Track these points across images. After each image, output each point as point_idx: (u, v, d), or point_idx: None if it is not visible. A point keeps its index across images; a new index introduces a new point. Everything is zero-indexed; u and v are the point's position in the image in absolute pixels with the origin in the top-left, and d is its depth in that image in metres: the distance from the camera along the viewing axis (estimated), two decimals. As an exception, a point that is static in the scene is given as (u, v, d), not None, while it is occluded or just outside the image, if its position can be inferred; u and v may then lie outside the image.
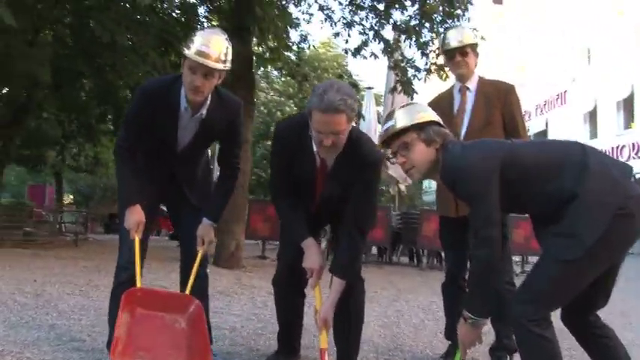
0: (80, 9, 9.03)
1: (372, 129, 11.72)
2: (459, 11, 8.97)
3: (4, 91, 10.65)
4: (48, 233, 13.28)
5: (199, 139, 2.86)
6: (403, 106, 2.37)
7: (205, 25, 11.99)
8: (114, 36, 7.40)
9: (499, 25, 34.34)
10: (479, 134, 2.96)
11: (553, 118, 28.51)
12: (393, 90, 9.78)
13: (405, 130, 2.28)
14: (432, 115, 2.33)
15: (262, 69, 22.05)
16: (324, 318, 2.59)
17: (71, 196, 33.64)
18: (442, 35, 3.48)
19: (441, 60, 9.34)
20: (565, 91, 27.49)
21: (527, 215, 2.39)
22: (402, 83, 9.38)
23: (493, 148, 2.21)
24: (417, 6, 9.14)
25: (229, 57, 2.67)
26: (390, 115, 2.35)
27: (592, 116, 25.90)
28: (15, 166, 26.30)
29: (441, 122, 2.35)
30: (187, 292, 2.74)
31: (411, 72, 9.64)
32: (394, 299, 5.79)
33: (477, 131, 3.06)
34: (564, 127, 27.04)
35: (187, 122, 2.79)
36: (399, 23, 9.51)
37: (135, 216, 2.76)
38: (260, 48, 11.30)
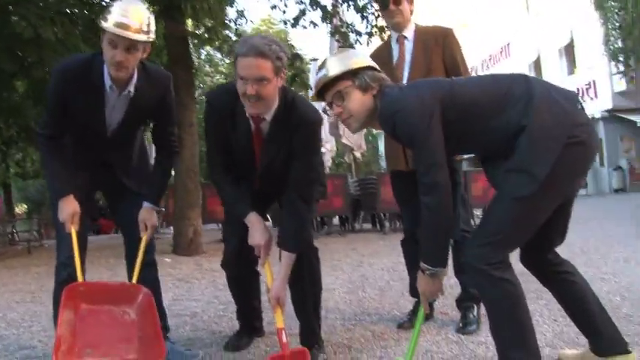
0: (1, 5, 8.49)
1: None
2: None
3: None
4: (0, 245, 12.74)
5: (130, 119, 2.66)
6: (335, 54, 2.23)
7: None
8: (37, 30, 6.98)
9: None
10: None
11: (499, 71, 28.85)
12: (337, 57, 9.63)
13: (338, 78, 2.14)
14: (366, 60, 2.21)
15: (205, 53, 21.57)
16: (277, 296, 2.44)
17: (25, 206, 32.48)
18: None
19: (381, 21, 9.24)
20: (508, 44, 27.84)
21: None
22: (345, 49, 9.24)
23: (432, 88, 2.09)
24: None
25: (152, 27, 2.47)
26: (322, 65, 2.20)
27: (537, 65, 26.32)
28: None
29: (377, 67, 2.22)
30: (134, 281, 2.58)
31: (352, 37, 9.50)
32: (358, 265, 5.74)
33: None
34: (510, 79, 27.41)
35: (115, 102, 2.59)
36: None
37: (68, 207, 2.58)
38: (198, 30, 10.96)
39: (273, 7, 10.69)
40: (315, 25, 10.03)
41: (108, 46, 2.40)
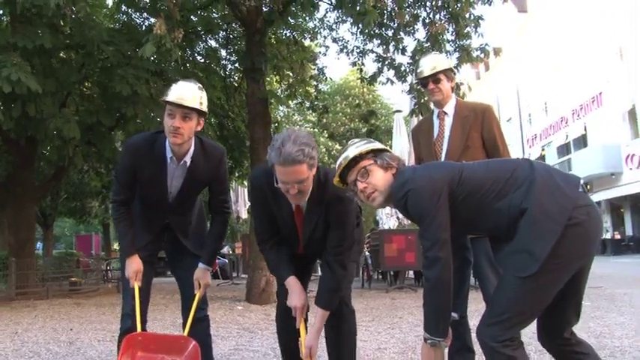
0: (105, 67, 9.55)
1: (405, 150, 11.64)
2: (468, 29, 8.98)
3: (44, 151, 11.36)
4: (95, 281, 13.72)
5: (187, 186, 3.03)
6: (353, 143, 2.46)
7: (228, 67, 12.46)
8: (133, 87, 7.81)
9: (526, 33, 34.04)
10: (458, 158, 3.01)
11: (591, 121, 27.87)
12: (412, 113, 9.83)
13: (362, 157, 2.35)
14: (382, 146, 2.42)
15: (283, 112, 22.64)
16: (309, 345, 2.65)
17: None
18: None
19: (457, 78, 9.33)
20: (600, 93, 26.89)
21: None
22: (420, 105, 9.43)
23: (442, 170, 2.27)
24: (426, 30, 9.22)
25: (204, 101, 2.87)
26: (343, 151, 2.43)
27: (631, 115, 25.21)
28: (65, 218, 27.40)
29: (390, 151, 2.42)
30: (186, 334, 2.88)
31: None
32: (418, 324, 5.74)
33: (456, 155, 3.11)
34: (603, 129, 26.36)
35: (174, 171, 2.97)
36: (406, 47, 9.65)
37: (133, 265, 2.96)
38: (280, 85, 11.67)
39: (353, 64, 11.23)
40: (392, 82, 10.38)
41: (167, 117, 2.81)
